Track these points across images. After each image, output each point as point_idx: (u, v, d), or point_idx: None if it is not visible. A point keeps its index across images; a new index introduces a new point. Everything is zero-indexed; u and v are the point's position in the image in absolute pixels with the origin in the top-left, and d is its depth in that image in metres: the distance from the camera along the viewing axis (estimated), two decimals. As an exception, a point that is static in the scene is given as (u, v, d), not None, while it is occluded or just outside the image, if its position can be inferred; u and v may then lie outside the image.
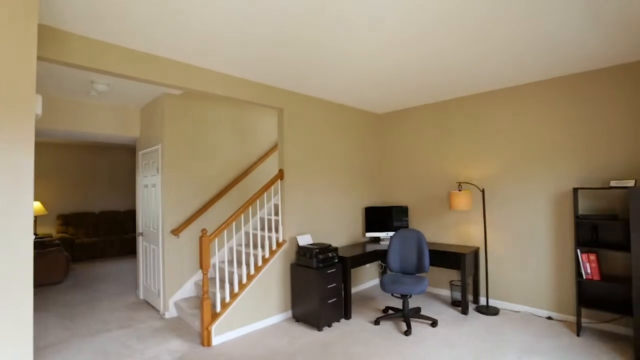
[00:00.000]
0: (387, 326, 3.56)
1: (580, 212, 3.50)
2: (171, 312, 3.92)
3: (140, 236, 4.58)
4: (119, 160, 8.48)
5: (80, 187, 7.86)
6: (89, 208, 7.97)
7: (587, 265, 3.20)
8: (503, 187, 4.02)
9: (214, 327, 3.21)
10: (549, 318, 3.65)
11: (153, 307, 4.21)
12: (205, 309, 3.20)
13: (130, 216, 8.30)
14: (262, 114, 5.10)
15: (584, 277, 3.21)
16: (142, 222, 4.57)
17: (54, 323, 3.78)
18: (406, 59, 3.07)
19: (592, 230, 3.37)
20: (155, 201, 4.15)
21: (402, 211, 4.77)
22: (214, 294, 3.69)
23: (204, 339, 3.17)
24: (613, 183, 3.11)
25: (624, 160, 3.28)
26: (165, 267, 3.93)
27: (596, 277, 3.16)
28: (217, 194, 4.46)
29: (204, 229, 3.24)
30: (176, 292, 4.00)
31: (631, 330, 3.22)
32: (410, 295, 3.52)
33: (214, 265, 4.32)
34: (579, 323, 3.22)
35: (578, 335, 3.23)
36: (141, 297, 4.56)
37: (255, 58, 2.99)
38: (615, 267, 3.32)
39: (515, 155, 3.93)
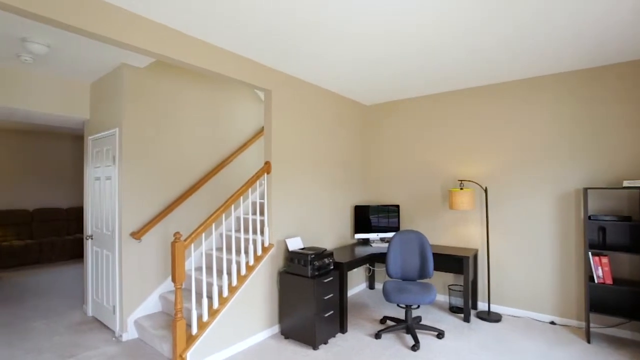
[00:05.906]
0: (389, 340, 3.16)
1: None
2: (130, 333, 3.21)
3: (90, 239, 3.77)
4: (61, 146, 7.21)
5: (8, 180, 6.56)
6: (20, 204, 6.65)
7: (599, 268, 3.04)
8: (506, 186, 3.79)
9: (189, 354, 2.60)
10: (552, 323, 3.48)
11: (106, 327, 3.45)
12: (178, 332, 2.57)
13: (74, 214, 7.15)
14: (239, 97, 4.47)
15: (596, 281, 3.05)
16: (91, 222, 3.76)
17: (-32, 354, 2.92)
18: (408, 42, 2.68)
19: (600, 232, 3.23)
20: (110, 197, 3.39)
21: (393, 210, 4.42)
22: (189, 311, 3.05)
23: (177, 369, 2.55)
24: (626, 183, 2.97)
25: (633, 159, 3.17)
26: (124, 278, 3.20)
27: (608, 281, 3.01)
28: (187, 189, 3.78)
29: (178, 233, 2.61)
30: (137, 308, 3.29)
31: (639, 335, 3.13)
32: (418, 306, 3.16)
33: (188, 276, 3.65)
34: (588, 329, 3.07)
35: (589, 342, 3.07)
36: (89, 314, 3.75)
37: (247, 28, 2.42)
38: (623, 270, 3.21)
39: (520, 152, 3.72)
